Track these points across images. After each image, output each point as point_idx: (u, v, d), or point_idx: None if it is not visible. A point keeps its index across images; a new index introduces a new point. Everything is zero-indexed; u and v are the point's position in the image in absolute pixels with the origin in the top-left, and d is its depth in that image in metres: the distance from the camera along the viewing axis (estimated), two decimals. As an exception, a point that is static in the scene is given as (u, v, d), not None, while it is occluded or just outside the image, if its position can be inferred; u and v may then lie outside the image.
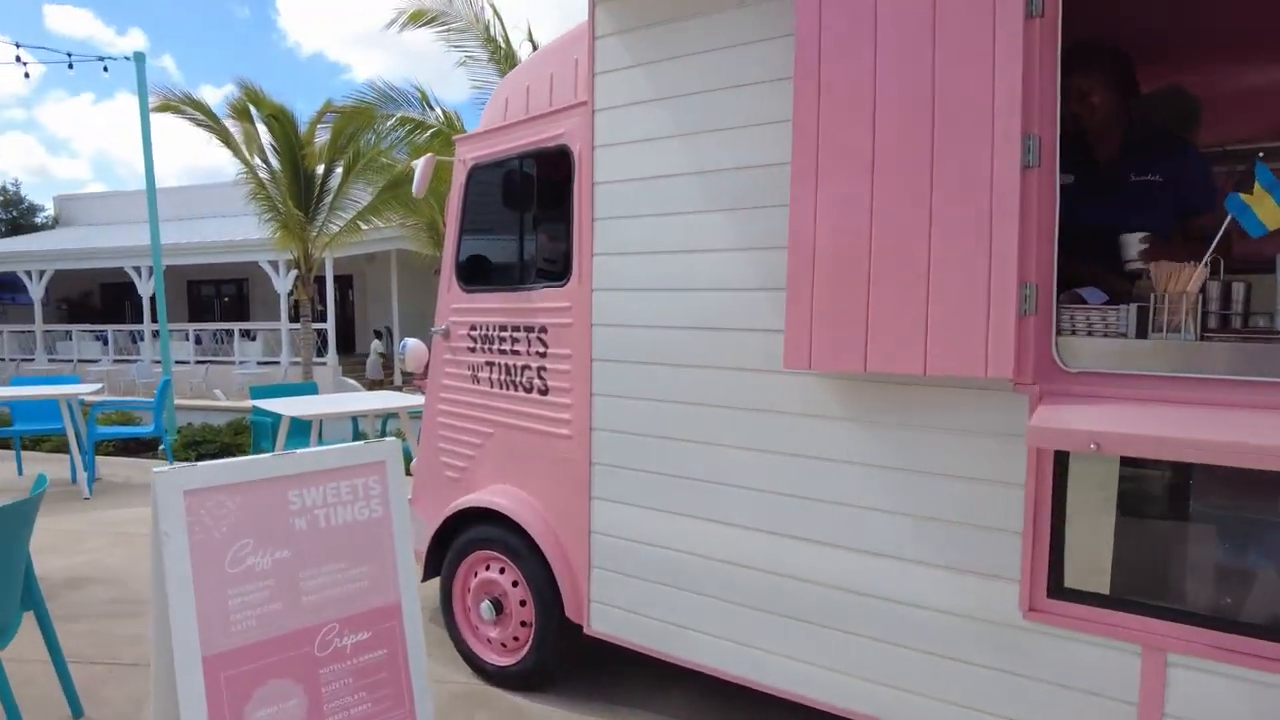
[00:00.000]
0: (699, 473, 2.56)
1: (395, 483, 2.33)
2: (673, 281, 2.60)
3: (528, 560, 3.05)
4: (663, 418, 2.64)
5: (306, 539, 2.14)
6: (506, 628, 3.15)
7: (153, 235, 8.39)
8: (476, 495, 3.26)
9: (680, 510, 2.62)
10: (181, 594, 1.90)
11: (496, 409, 3.26)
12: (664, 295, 2.62)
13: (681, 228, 2.57)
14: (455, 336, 3.48)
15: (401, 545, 2.32)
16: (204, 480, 1.98)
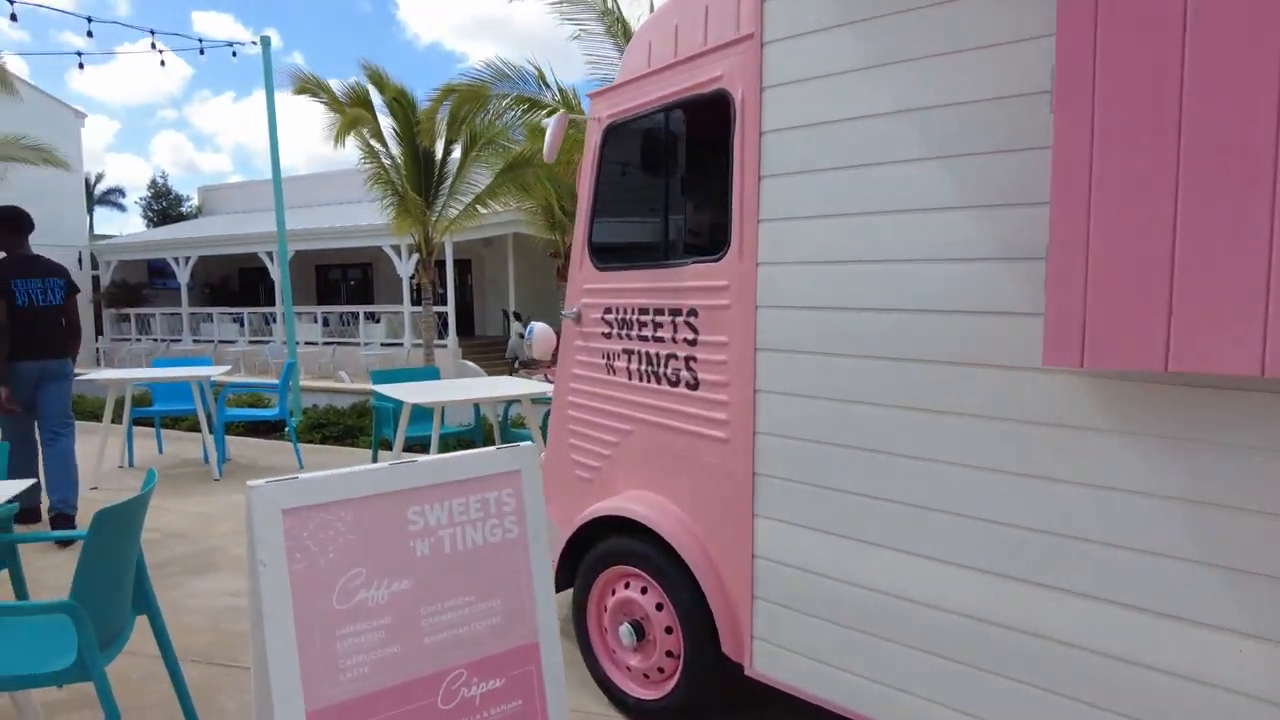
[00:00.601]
0: (906, 495, 2.03)
1: (532, 496, 1.93)
2: (867, 251, 2.07)
3: (675, 582, 2.62)
4: (853, 423, 2.12)
5: (429, 566, 1.76)
6: (649, 656, 2.73)
7: (278, 220, 8.47)
8: (613, 502, 2.85)
9: (878, 540, 2.10)
10: (280, 636, 1.56)
11: (635, 403, 2.84)
12: (855, 270, 2.10)
13: (879, 183, 2.04)
14: (588, 321, 3.07)
15: (540, 573, 1.91)
16: (307, 496, 1.62)
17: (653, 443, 2.77)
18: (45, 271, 4.66)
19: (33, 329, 4.53)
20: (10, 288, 4.46)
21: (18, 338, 4.49)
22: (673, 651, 2.67)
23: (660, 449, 2.74)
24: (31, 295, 4.53)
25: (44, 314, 4.58)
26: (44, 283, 4.61)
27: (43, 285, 4.59)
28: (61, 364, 4.72)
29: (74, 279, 4.99)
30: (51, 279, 4.66)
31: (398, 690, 1.69)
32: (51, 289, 4.63)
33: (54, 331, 4.65)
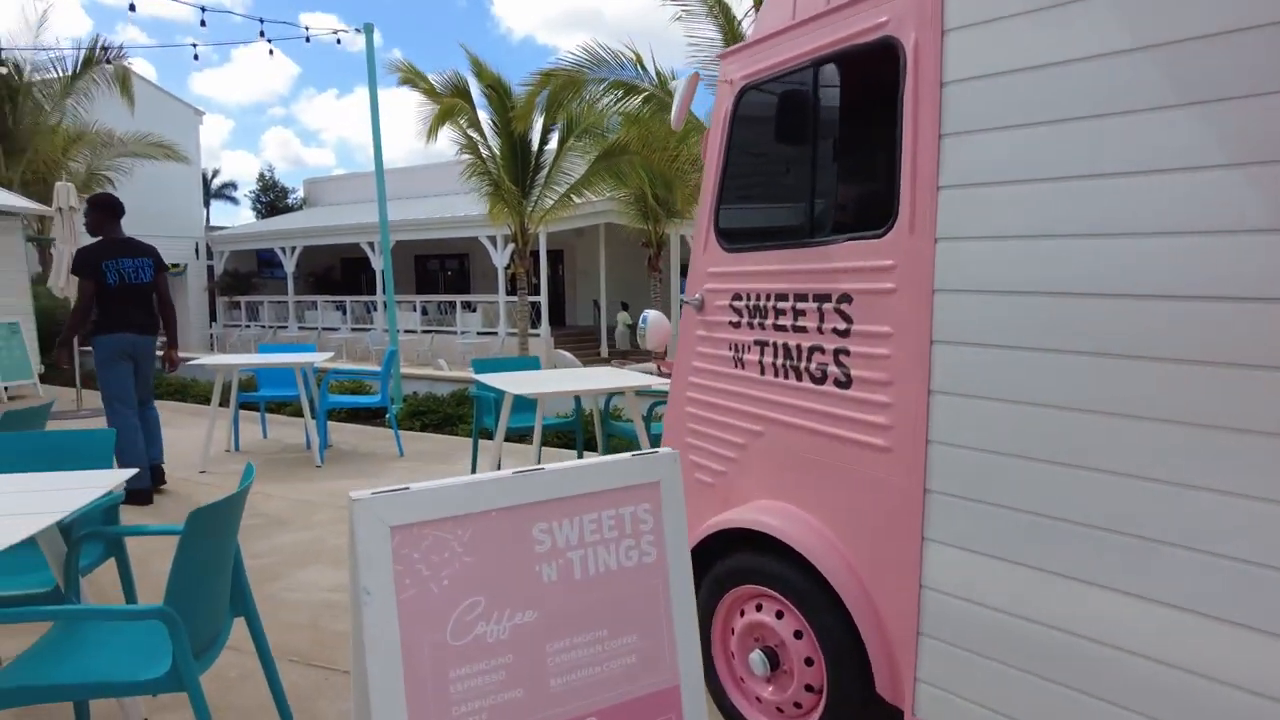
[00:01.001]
0: (1122, 524, 1.63)
1: (673, 513, 1.62)
2: (1085, 223, 1.67)
3: (818, 608, 2.28)
4: (1057, 433, 1.73)
5: (558, 595, 1.48)
6: (785, 689, 2.40)
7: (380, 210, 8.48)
8: (742, 513, 2.52)
9: (1081, 575, 1.71)
10: (385, 677, 1.30)
11: (769, 401, 2.50)
12: (1067, 246, 1.71)
13: (1105, 136, 1.64)
14: (712, 308, 2.75)
15: (681, 604, 1.61)
16: (419, 510, 1.36)
17: (790, 447, 2.44)
18: (135, 252, 5.03)
19: (126, 305, 4.96)
20: (100, 269, 4.85)
21: (113, 314, 4.94)
22: (814, 686, 2.33)
23: (799, 455, 2.40)
24: (123, 274, 4.93)
25: (136, 290, 5.00)
26: (134, 262, 4.99)
27: (134, 264, 4.98)
28: (150, 341, 5.13)
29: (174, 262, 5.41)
30: (141, 258, 5.04)
31: (519, 743, 1.41)
32: (142, 268, 5.02)
33: (146, 307, 5.09)
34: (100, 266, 4.86)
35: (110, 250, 4.94)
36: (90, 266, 4.84)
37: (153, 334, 5.13)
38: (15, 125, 13.10)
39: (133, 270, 4.96)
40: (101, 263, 4.88)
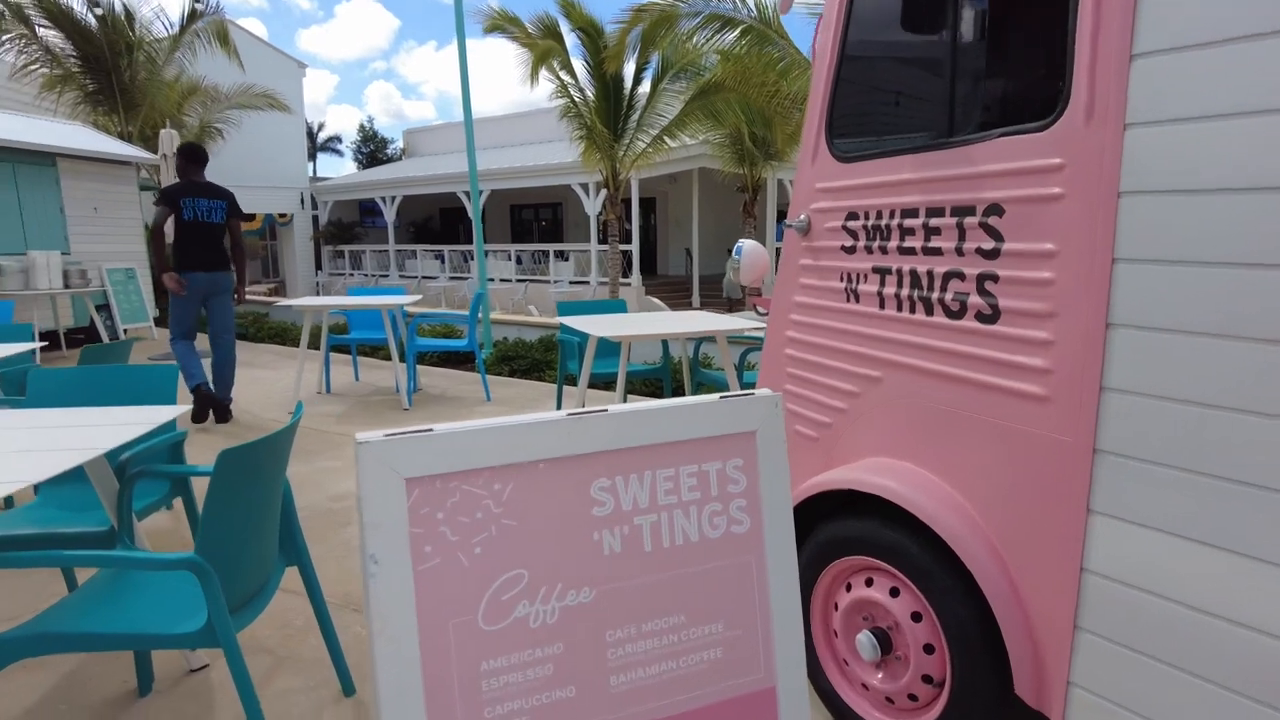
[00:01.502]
0: None
1: (773, 472, 1.27)
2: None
3: (943, 588, 1.90)
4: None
5: (622, 571, 1.16)
6: (897, 678, 2.04)
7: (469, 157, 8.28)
8: (852, 473, 2.14)
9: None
10: (397, 668, 1.02)
11: (889, 341, 2.10)
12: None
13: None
14: (820, 231, 2.34)
15: (781, 586, 1.27)
16: (444, 458, 1.06)
17: (914, 395, 2.03)
18: (212, 194, 5.44)
19: (198, 241, 5.38)
20: (179, 204, 5.30)
21: (189, 252, 5.36)
22: (933, 678, 1.96)
23: (926, 404, 1.99)
24: (198, 212, 5.34)
25: (208, 229, 5.40)
26: (209, 203, 5.40)
27: (209, 205, 5.39)
28: (226, 277, 5.54)
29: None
30: (216, 200, 5.44)
31: (571, 753, 1.12)
32: (216, 209, 5.42)
33: (217, 245, 5.48)
34: (179, 201, 5.29)
35: (190, 190, 5.36)
36: (170, 198, 5.30)
37: (223, 270, 5.50)
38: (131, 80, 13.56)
39: (207, 210, 5.37)
40: (181, 198, 5.30)
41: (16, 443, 2.04)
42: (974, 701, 1.87)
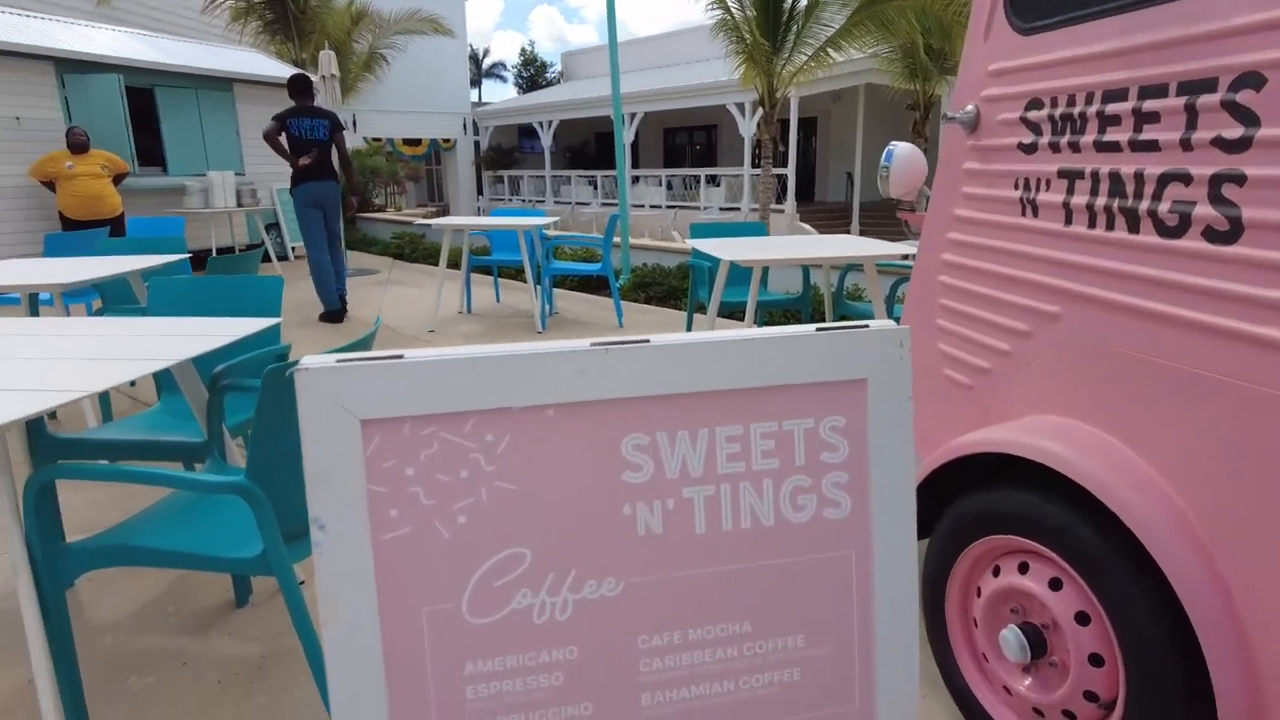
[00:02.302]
0: None
1: (889, 437, 0.91)
2: None
3: (1123, 589, 1.46)
4: None
5: (660, 557, 0.86)
6: (1050, 688, 1.64)
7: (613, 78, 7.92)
8: (1012, 432, 1.71)
9: None
10: (351, 663, 0.78)
11: (1074, 266, 1.62)
12: None
13: None
14: (992, 125, 1.86)
15: (890, 590, 0.92)
16: (414, 395, 0.79)
17: (1103, 337, 1.56)
18: (315, 115, 6.29)
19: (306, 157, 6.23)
20: (288, 126, 6.21)
21: (298, 167, 6.21)
22: (1099, 697, 1.55)
23: (1120, 350, 1.52)
24: (303, 131, 6.21)
25: (312, 146, 6.23)
26: (313, 122, 6.24)
27: (311, 124, 6.23)
28: (335, 186, 6.38)
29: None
30: (319, 120, 6.27)
31: (584, 788, 0.85)
32: (319, 127, 6.25)
33: (324, 159, 6.30)
34: (287, 122, 6.20)
35: (296, 112, 6.24)
36: (280, 120, 6.24)
37: (331, 180, 6.32)
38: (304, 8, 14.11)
39: (310, 128, 6.23)
40: (288, 120, 6.20)
41: (113, 349, 2.00)
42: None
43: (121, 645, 2.20)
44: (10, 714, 1.95)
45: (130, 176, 7.92)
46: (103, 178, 7.29)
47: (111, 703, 1.98)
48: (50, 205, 7.63)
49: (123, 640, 2.23)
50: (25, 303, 3.53)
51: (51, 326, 2.33)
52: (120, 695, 2.00)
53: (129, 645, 2.20)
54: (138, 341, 2.07)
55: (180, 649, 2.18)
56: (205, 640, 2.22)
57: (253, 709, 1.94)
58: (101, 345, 2.05)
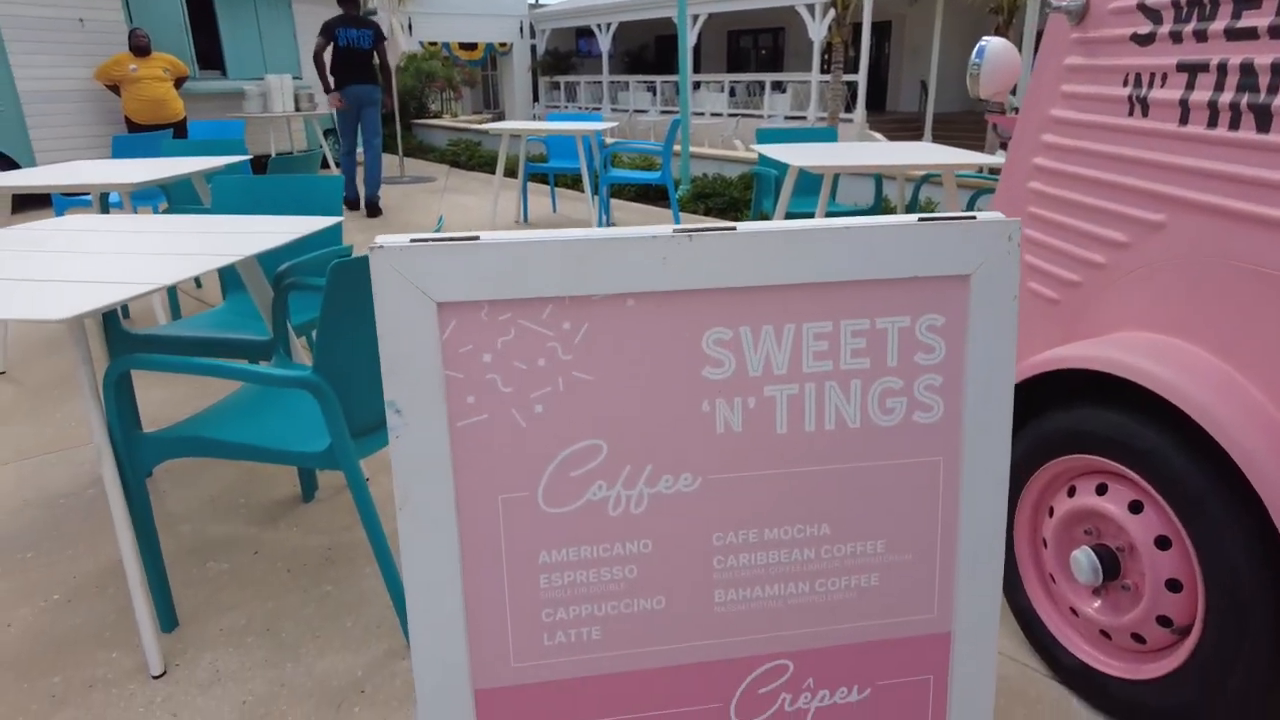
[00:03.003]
0: None
1: (992, 337, 0.85)
2: None
3: (1214, 516, 1.39)
4: None
5: (739, 455, 0.83)
6: (1120, 611, 1.60)
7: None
8: (1104, 348, 1.61)
9: None
10: (427, 547, 0.77)
11: (1186, 171, 1.49)
12: None
13: None
14: (1102, 15, 1.69)
15: (981, 500, 0.88)
16: (492, 278, 0.75)
17: (1214, 249, 1.44)
18: (360, 25, 6.58)
19: (350, 63, 6.61)
20: (335, 35, 6.50)
21: (341, 71, 6.59)
22: (1173, 622, 1.50)
23: (1232, 264, 1.40)
24: (349, 40, 6.53)
25: (357, 53, 6.60)
26: (358, 31, 6.54)
27: (357, 34, 6.54)
28: (373, 90, 6.76)
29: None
30: (364, 29, 6.57)
31: (654, 680, 0.85)
32: (363, 36, 6.58)
33: (366, 65, 6.69)
34: (335, 31, 6.47)
35: (343, 22, 6.52)
36: (327, 29, 6.52)
37: (372, 84, 6.74)
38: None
39: (356, 37, 6.54)
40: (336, 29, 6.47)
41: (181, 245, 2.02)
42: (1232, 668, 1.40)
43: (198, 533, 2.31)
44: (102, 590, 2.07)
45: (190, 80, 7.94)
46: (165, 81, 7.32)
47: (191, 585, 2.08)
48: (116, 109, 7.72)
49: (199, 529, 2.33)
50: (96, 203, 3.60)
51: (122, 223, 2.36)
52: (199, 578, 2.11)
53: (205, 533, 2.30)
54: (204, 238, 2.09)
55: (252, 538, 2.28)
56: (275, 531, 2.31)
57: (319, 596, 2.02)
58: (170, 242, 2.07)
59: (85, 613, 1.99)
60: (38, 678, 1.78)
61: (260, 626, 1.92)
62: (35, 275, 1.79)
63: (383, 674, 1.76)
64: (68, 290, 1.64)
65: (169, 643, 1.88)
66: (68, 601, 2.03)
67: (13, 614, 1.99)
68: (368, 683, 1.74)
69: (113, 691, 1.74)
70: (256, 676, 1.76)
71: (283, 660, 1.81)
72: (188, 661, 1.82)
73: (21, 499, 2.51)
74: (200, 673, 1.78)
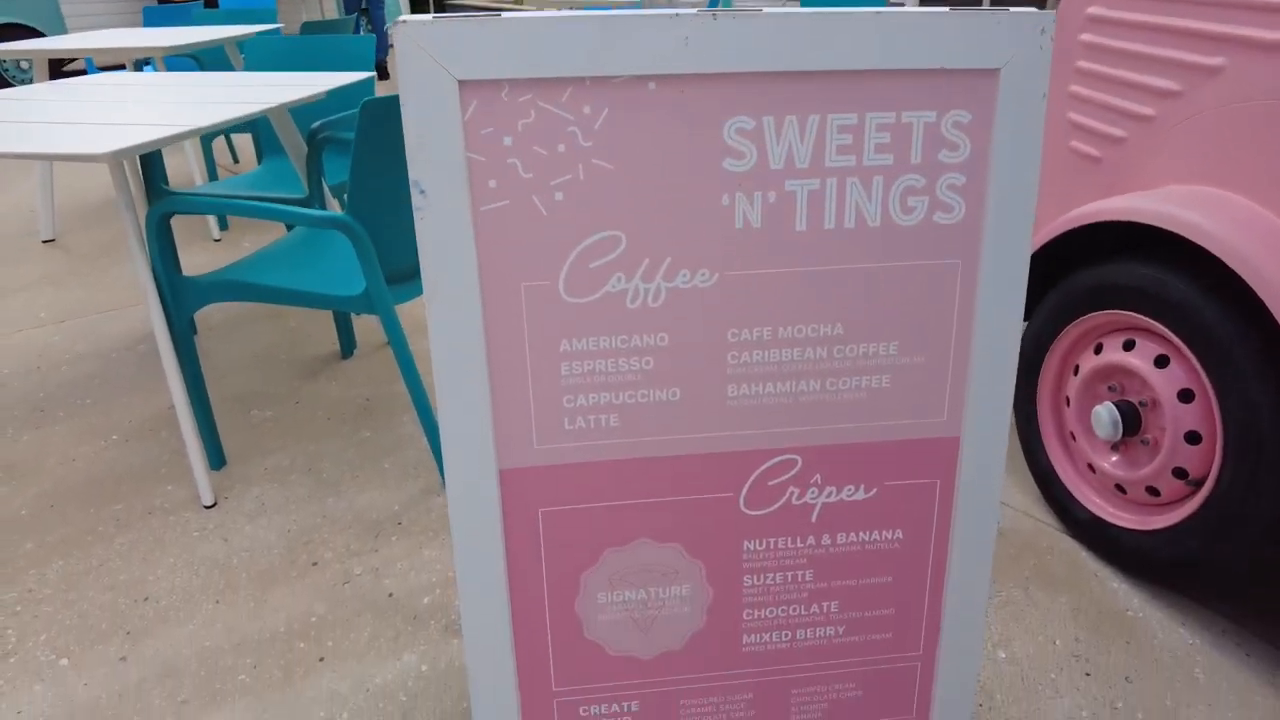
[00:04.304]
0: None
1: (1018, 135, 0.84)
2: None
3: (1241, 366, 1.38)
4: None
5: (757, 251, 0.84)
6: (1137, 465, 1.62)
7: None
8: (1145, 200, 1.57)
9: None
10: (454, 331, 0.81)
11: (1254, 7, 1.41)
12: None
13: None
14: None
15: (997, 304, 0.89)
16: (513, 55, 0.75)
17: (1275, 95, 1.38)
18: None
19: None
20: None
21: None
22: (1188, 474, 1.52)
23: (1285, 106, 1.35)
24: None
25: None
26: None
27: None
28: None
29: None
30: None
31: (666, 467, 0.90)
32: None
33: None
34: None
35: None
36: None
37: None
38: None
39: None
40: None
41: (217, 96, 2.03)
42: (1242, 517, 1.42)
43: (242, 385, 2.41)
44: (156, 434, 2.19)
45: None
46: (194, -48, 7.15)
47: (236, 431, 2.19)
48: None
49: (243, 381, 2.43)
50: (130, 69, 3.60)
51: (158, 78, 2.37)
52: (243, 425, 2.21)
53: (249, 386, 2.41)
54: (238, 90, 2.09)
55: (293, 390, 2.38)
56: (315, 384, 2.40)
57: (358, 441, 2.12)
58: (205, 93, 2.07)
59: (142, 453, 2.11)
60: (102, 505, 1.91)
61: (303, 467, 2.03)
62: (76, 119, 1.82)
63: (419, 509, 1.87)
64: (106, 132, 1.67)
65: (218, 479, 2.00)
66: (125, 442, 2.16)
67: (76, 451, 2.12)
68: (404, 516, 1.85)
69: (170, 518, 1.86)
70: (299, 509, 1.88)
71: (324, 495, 1.92)
72: (236, 495, 1.93)
73: (76, 352, 2.63)
74: (248, 504, 1.90)
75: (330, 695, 1.41)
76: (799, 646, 0.99)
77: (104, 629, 1.56)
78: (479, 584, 0.90)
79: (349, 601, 1.61)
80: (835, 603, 0.98)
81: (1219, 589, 1.65)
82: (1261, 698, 1.41)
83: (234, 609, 1.60)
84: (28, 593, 1.66)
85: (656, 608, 0.95)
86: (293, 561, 1.72)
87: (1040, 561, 1.73)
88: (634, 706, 0.99)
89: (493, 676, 0.94)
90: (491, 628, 0.92)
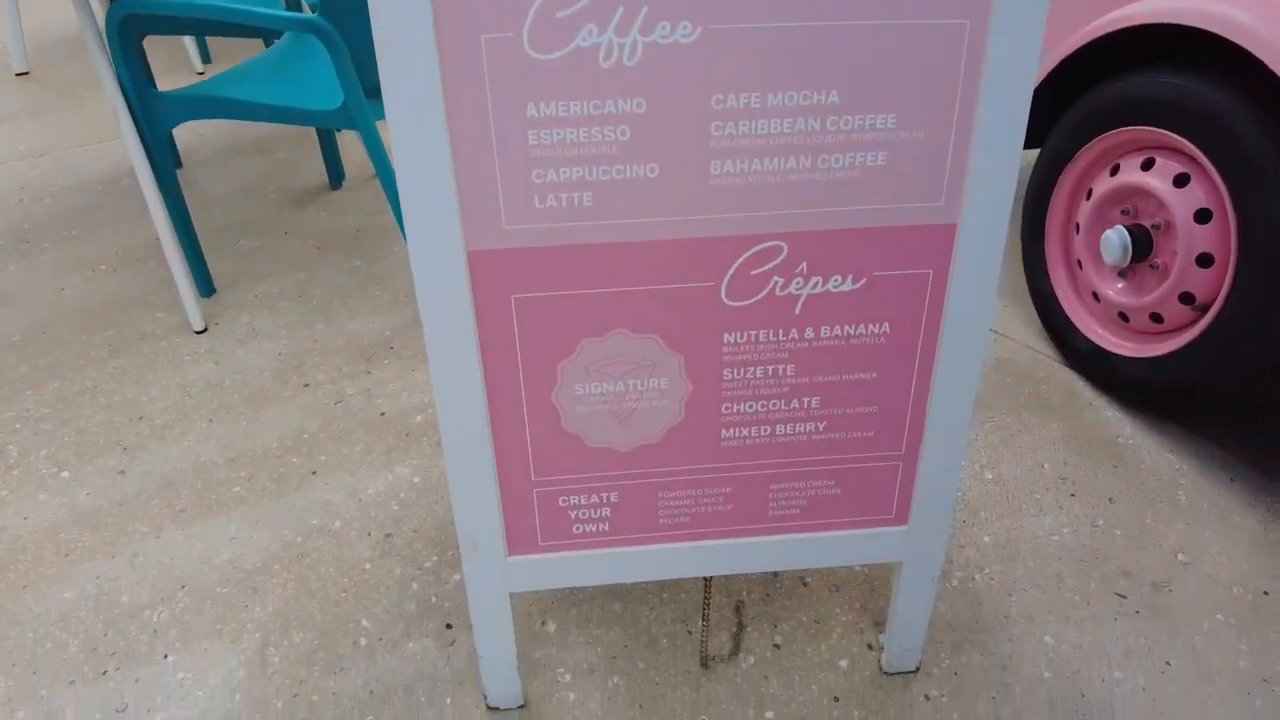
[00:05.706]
0: None
1: None
2: None
3: (1269, 179, 1.30)
4: None
5: (743, 3, 0.76)
6: (1143, 291, 1.57)
7: None
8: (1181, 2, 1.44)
9: None
10: (417, 94, 0.75)
11: None
12: None
13: None
14: None
15: (1004, 69, 0.81)
16: None
17: None
18: None
19: None
20: None
21: None
22: (1195, 298, 1.47)
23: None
24: None
25: None
26: None
27: None
28: None
29: None
30: None
31: (644, 252, 0.85)
32: None
33: None
34: None
35: None
36: None
37: None
38: None
39: None
40: None
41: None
42: (1247, 341, 1.38)
43: (230, 215, 2.35)
44: (144, 263, 2.15)
45: None
46: None
47: (225, 259, 2.15)
48: None
49: (231, 212, 2.37)
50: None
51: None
52: (232, 253, 2.17)
53: (237, 216, 2.35)
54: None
55: (282, 220, 2.32)
56: (304, 214, 2.34)
57: (349, 270, 2.08)
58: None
59: (130, 281, 2.08)
60: (94, 331, 1.90)
61: (293, 294, 2.00)
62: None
63: (410, 334, 1.85)
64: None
65: (208, 306, 1.98)
66: (114, 271, 2.13)
67: (65, 280, 2.09)
68: (396, 340, 1.83)
69: (161, 343, 1.86)
70: (290, 334, 1.86)
71: (315, 321, 1.90)
72: (226, 321, 1.92)
73: (60, 185, 2.56)
74: (239, 330, 1.89)
75: (323, 505, 1.44)
76: (778, 442, 0.98)
77: (101, 445, 1.58)
78: (452, 373, 0.88)
79: (341, 419, 1.62)
80: (816, 399, 0.96)
81: (1213, 416, 1.64)
82: (1241, 518, 1.42)
83: (227, 427, 1.62)
84: (25, 411, 1.67)
85: (635, 400, 0.93)
86: (285, 383, 1.72)
87: (1036, 390, 1.71)
88: (613, 498, 0.99)
89: (471, 465, 0.94)
90: (467, 416, 0.91)
